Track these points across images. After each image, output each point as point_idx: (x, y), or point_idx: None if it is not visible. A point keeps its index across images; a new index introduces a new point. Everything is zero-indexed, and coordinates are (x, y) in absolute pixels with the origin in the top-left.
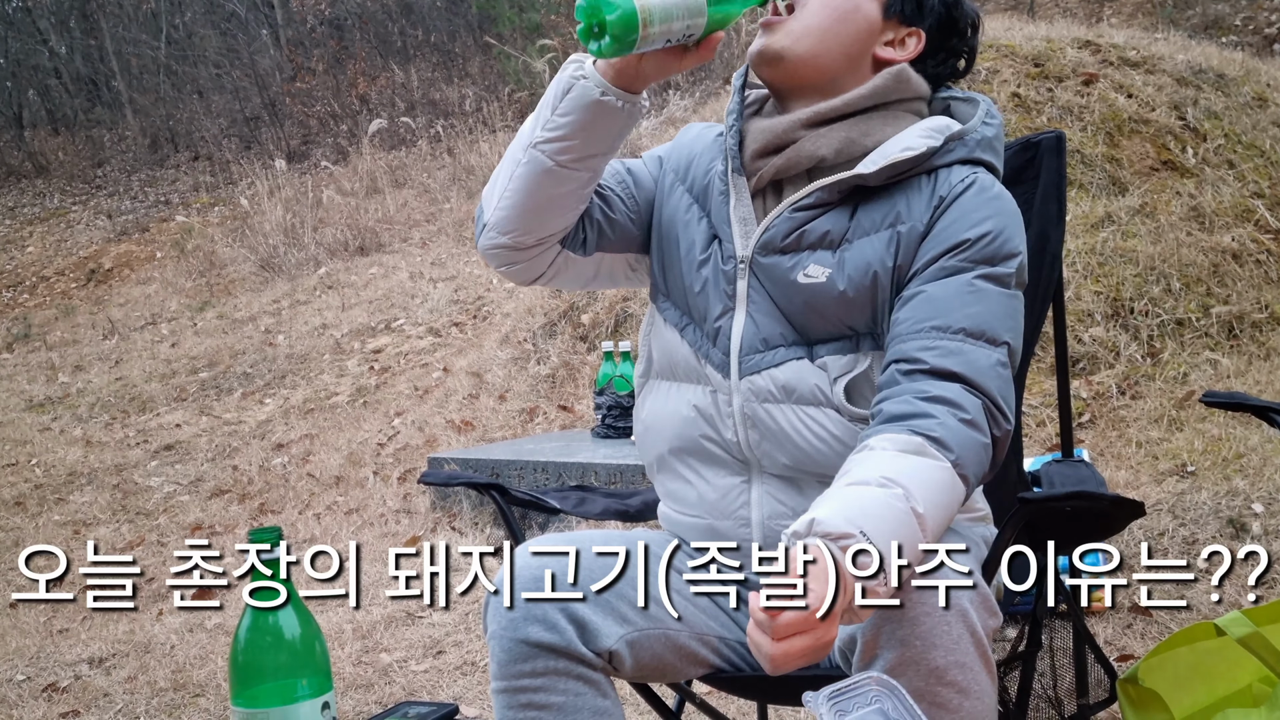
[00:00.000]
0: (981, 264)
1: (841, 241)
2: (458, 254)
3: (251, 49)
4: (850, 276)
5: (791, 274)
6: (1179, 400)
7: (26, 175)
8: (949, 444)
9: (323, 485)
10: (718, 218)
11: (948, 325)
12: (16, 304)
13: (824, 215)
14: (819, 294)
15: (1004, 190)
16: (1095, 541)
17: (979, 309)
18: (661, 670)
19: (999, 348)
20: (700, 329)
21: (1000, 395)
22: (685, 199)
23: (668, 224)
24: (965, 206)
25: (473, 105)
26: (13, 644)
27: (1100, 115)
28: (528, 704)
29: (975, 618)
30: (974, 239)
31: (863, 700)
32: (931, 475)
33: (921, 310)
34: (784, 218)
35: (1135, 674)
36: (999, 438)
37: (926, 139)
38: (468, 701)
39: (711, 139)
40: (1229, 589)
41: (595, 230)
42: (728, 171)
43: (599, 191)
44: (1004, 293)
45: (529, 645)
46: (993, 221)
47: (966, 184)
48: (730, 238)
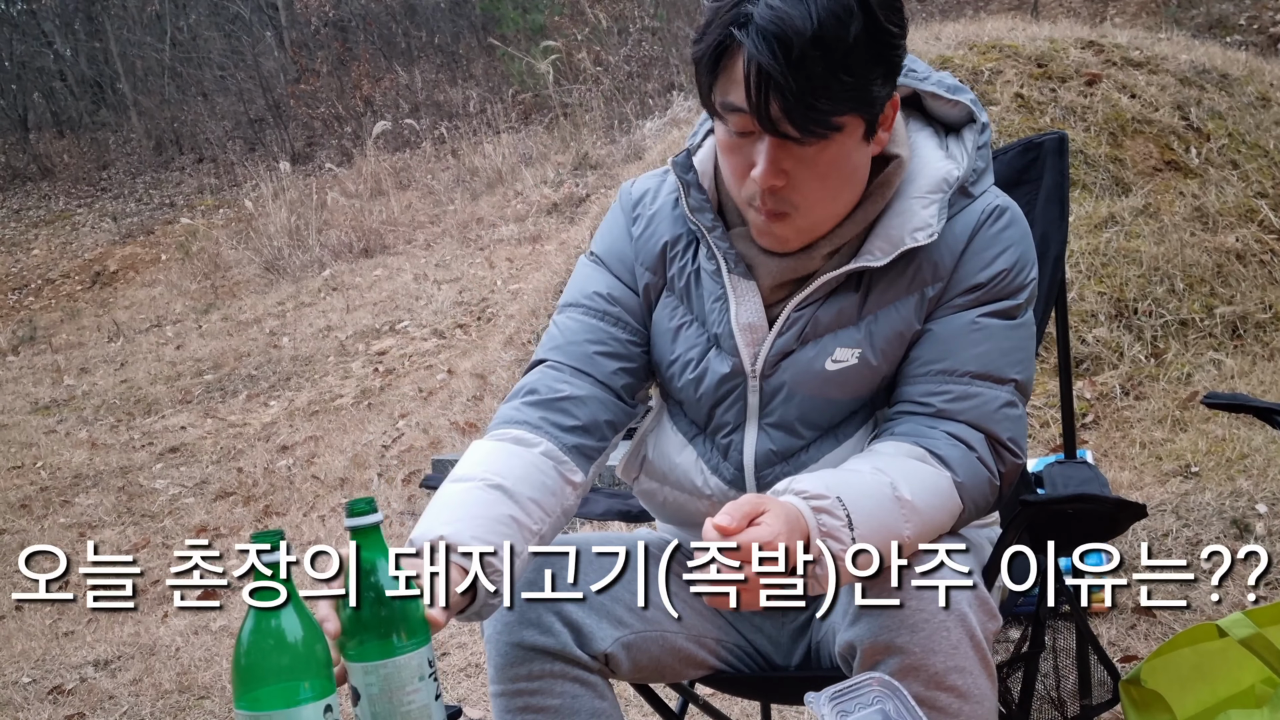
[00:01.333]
0: (991, 301)
1: (862, 315)
2: (462, 255)
3: (256, 51)
4: (883, 350)
5: (816, 363)
6: (1182, 401)
7: (31, 178)
8: (952, 464)
9: (327, 487)
10: (717, 326)
11: (954, 369)
12: (22, 306)
13: (832, 295)
14: (850, 375)
15: (1011, 209)
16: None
17: (985, 348)
18: (659, 672)
19: (1006, 385)
20: (711, 441)
21: (1007, 434)
22: (670, 302)
23: (659, 334)
24: (978, 247)
25: (477, 106)
26: (19, 646)
27: (1103, 115)
28: (525, 707)
29: (975, 621)
30: (986, 281)
31: (864, 701)
32: (927, 477)
33: (928, 351)
34: (790, 319)
35: (1138, 675)
36: (1005, 473)
37: (933, 213)
38: (471, 704)
39: (671, 214)
40: (1231, 590)
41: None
42: (722, 270)
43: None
44: (1011, 325)
45: (524, 648)
46: (1005, 258)
47: (979, 225)
48: (735, 349)
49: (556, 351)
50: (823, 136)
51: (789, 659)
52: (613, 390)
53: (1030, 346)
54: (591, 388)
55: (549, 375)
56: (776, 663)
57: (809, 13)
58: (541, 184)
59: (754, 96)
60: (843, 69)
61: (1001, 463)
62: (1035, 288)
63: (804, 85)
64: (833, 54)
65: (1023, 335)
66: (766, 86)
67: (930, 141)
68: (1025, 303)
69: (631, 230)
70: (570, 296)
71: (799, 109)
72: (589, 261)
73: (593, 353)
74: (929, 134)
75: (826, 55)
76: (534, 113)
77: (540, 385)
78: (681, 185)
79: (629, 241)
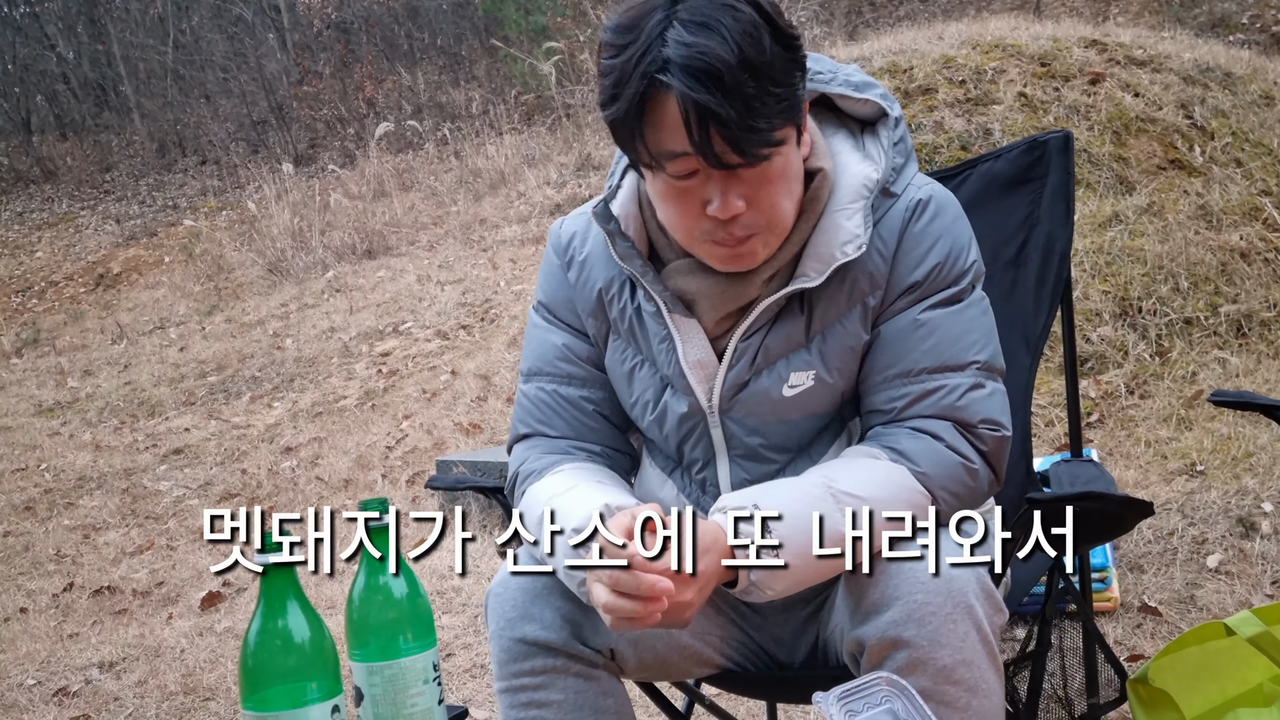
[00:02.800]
0: (931, 295)
1: (810, 336)
2: (465, 257)
3: (258, 53)
4: (837, 368)
5: (773, 392)
6: (1188, 399)
7: (35, 180)
8: (911, 455)
9: (331, 488)
10: (667, 368)
11: (909, 369)
12: (25, 309)
13: (776, 321)
14: (809, 397)
15: (934, 198)
16: (1105, 542)
17: (934, 341)
18: (665, 669)
19: (966, 369)
20: (688, 475)
21: (977, 416)
22: (619, 345)
23: (615, 379)
24: (907, 246)
25: (479, 108)
26: (23, 648)
27: (1107, 114)
28: (529, 702)
29: (981, 613)
30: (922, 278)
31: (873, 700)
32: (877, 470)
33: (881, 358)
34: (739, 350)
35: (1145, 674)
36: (989, 451)
37: (858, 223)
38: (477, 704)
39: (603, 257)
40: (1239, 588)
41: (623, 422)
42: (663, 312)
43: (594, 416)
44: (957, 310)
45: (526, 644)
46: (937, 251)
47: (905, 224)
48: (688, 388)
49: (541, 425)
50: (766, 159)
51: (794, 656)
52: (605, 440)
53: (986, 323)
54: (585, 447)
55: (541, 445)
56: (782, 660)
57: (726, 38)
58: (544, 185)
59: (696, 135)
60: (771, 84)
61: (980, 442)
62: (978, 266)
63: (742, 111)
64: (760, 73)
65: (972, 315)
66: (707, 122)
67: (846, 144)
68: (969, 286)
69: (567, 276)
70: (532, 363)
71: (742, 137)
72: (540, 319)
73: (572, 421)
74: (844, 136)
75: (755, 75)
76: (536, 114)
77: (530, 456)
78: (606, 235)
79: (568, 287)
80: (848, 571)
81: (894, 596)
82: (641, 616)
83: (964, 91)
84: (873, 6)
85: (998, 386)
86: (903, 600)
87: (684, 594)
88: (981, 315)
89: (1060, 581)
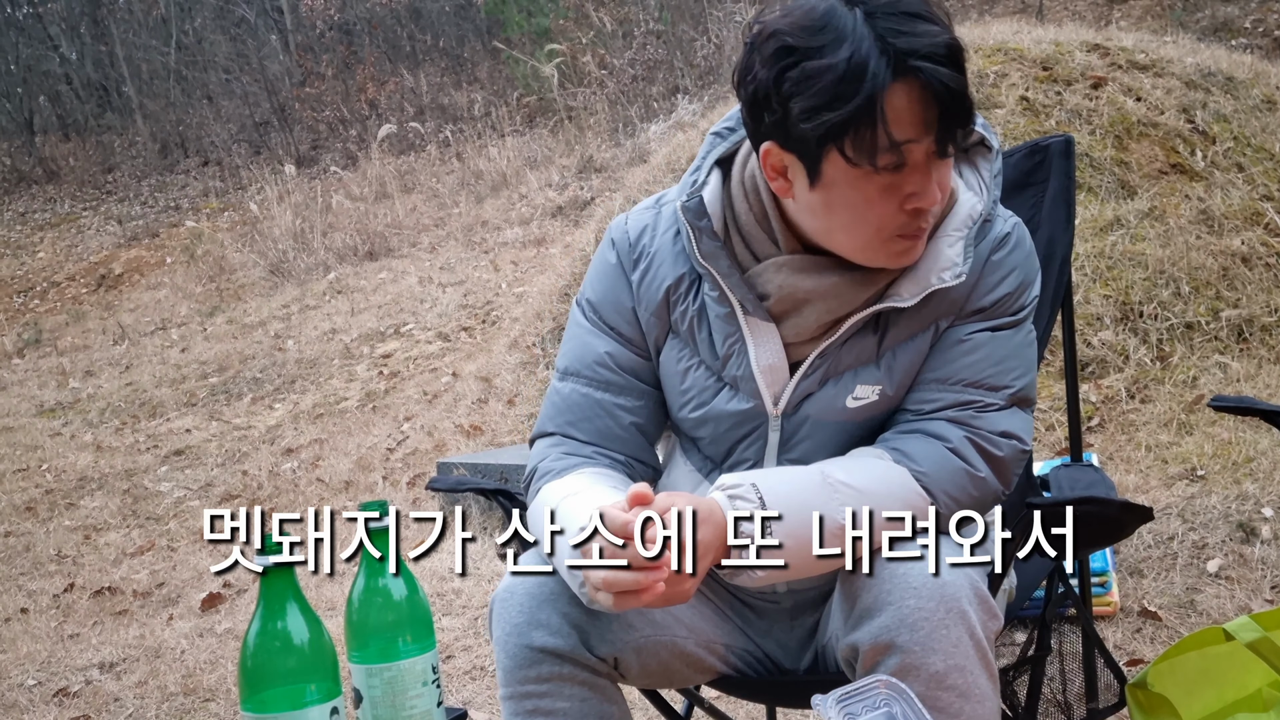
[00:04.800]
0: (992, 319)
1: (880, 352)
2: (466, 259)
3: (261, 54)
4: (900, 383)
5: (837, 401)
6: (1188, 404)
7: (37, 181)
8: (913, 456)
9: (332, 490)
10: (737, 369)
11: (947, 377)
12: (27, 309)
13: (853, 335)
14: (869, 409)
15: (1015, 230)
16: (1105, 546)
17: (977, 357)
18: (668, 677)
19: (999, 392)
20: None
21: (996, 429)
22: (675, 344)
23: (668, 376)
24: (985, 273)
25: (481, 110)
26: (24, 649)
27: (1109, 118)
28: (534, 710)
29: (975, 619)
30: (990, 305)
31: (871, 703)
32: (875, 466)
33: (926, 365)
34: (814, 364)
35: (1145, 679)
36: (1001, 458)
37: (959, 251)
38: (477, 706)
39: (671, 253)
40: (1239, 593)
41: (651, 431)
42: (737, 313)
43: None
44: (1007, 335)
45: (533, 650)
46: (1009, 282)
47: (989, 254)
48: (756, 391)
49: (569, 426)
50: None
51: (798, 663)
52: (630, 450)
53: (1029, 355)
54: (609, 454)
55: (565, 445)
56: (785, 667)
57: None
58: (546, 187)
59: (941, 120)
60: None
61: (995, 448)
62: (1036, 301)
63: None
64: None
65: (1019, 344)
66: (956, 104)
67: (953, 172)
68: (1024, 317)
69: (632, 276)
70: (571, 363)
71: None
72: (584, 320)
73: (601, 427)
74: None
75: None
76: (538, 116)
77: (551, 454)
78: (693, 231)
79: (628, 288)
80: (843, 575)
81: (886, 601)
82: (643, 587)
83: None
84: None
85: (1024, 415)
86: (895, 605)
87: (682, 564)
88: (1027, 347)
89: (1060, 586)
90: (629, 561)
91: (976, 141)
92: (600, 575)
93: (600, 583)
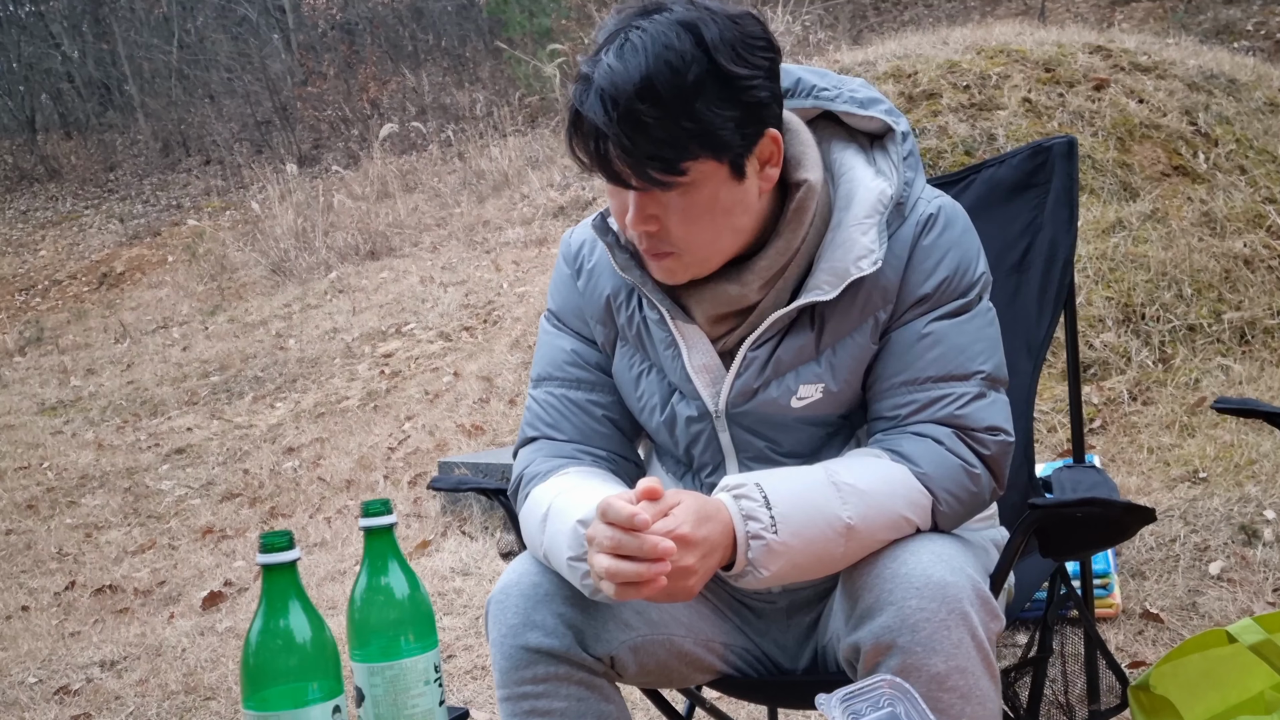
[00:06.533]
0: (940, 306)
1: (820, 349)
2: (468, 258)
3: (263, 53)
4: (845, 380)
5: (782, 401)
6: (1190, 406)
7: (39, 179)
8: (912, 456)
9: (333, 489)
10: (674, 374)
11: (915, 378)
12: (29, 308)
13: (788, 333)
14: (817, 407)
15: (943, 211)
16: (1107, 548)
17: (940, 350)
18: (666, 676)
19: (971, 379)
20: (697, 479)
21: (980, 423)
22: (627, 351)
23: (623, 384)
24: (917, 260)
25: (483, 110)
26: (25, 646)
27: (1111, 120)
28: (531, 710)
29: (976, 621)
30: (931, 291)
31: (875, 703)
32: (878, 467)
33: (888, 366)
34: (747, 358)
35: (1147, 681)
36: (991, 455)
37: (873, 238)
38: (478, 706)
39: (610, 266)
40: (1241, 595)
41: (631, 427)
42: (666, 319)
43: (602, 421)
44: (964, 320)
45: (529, 651)
46: (946, 264)
47: (916, 238)
48: (695, 392)
49: (549, 429)
50: (668, 185)
51: (796, 662)
52: (611, 446)
53: (991, 334)
54: (591, 451)
55: (548, 448)
56: (784, 666)
57: (641, 64)
58: (548, 187)
59: (592, 152)
60: (683, 116)
61: (983, 447)
62: (986, 277)
63: (635, 137)
64: (666, 103)
65: (979, 326)
66: (600, 142)
67: (859, 159)
68: (976, 297)
69: (576, 284)
70: (542, 369)
71: (636, 161)
72: (550, 326)
73: (579, 425)
74: (855, 150)
75: (658, 105)
76: (540, 116)
77: (536, 459)
78: (606, 247)
79: (577, 295)
80: (844, 574)
81: (887, 602)
82: (646, 579)
83: (968, 97)
84: (877, 11)
85: (1000, 396)
86: (896, 606)
87: (686, 558)
88: (987, 326)
89: (1062, 587)
90: (633, 553)
91: (883, 129)
92: (604, 565)
93: (604, 572)
